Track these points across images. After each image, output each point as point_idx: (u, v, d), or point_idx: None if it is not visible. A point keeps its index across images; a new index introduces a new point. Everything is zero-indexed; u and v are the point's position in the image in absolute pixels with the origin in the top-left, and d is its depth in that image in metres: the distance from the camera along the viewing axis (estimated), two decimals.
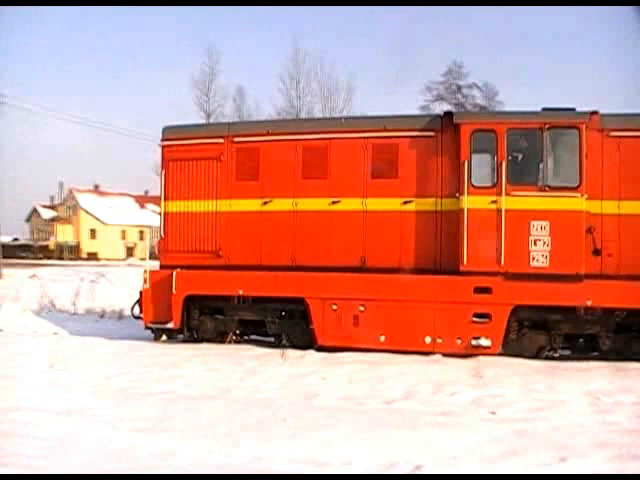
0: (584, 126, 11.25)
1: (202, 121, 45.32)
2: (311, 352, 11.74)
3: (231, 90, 55.50)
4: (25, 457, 6.13)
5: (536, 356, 11.43)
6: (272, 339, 13.03)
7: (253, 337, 13.48)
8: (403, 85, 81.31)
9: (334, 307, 12.18)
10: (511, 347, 11.63)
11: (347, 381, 9.67)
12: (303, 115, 46.97)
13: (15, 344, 12.95)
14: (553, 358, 11.46)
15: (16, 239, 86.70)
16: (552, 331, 11.53)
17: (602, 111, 11.55)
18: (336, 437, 6.85)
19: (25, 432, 7.05)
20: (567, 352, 11.83)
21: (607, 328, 11.25)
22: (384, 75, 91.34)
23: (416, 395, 8.87)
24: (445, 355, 11.42)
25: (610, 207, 11.40)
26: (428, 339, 11.73)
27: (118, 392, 9.07)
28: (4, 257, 40.70)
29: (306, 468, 5.95)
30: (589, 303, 11.13)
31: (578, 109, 11.69)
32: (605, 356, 11.22)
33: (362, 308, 12.06)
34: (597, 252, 11.34)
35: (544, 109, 11.77)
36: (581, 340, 11.81)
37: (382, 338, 11.95)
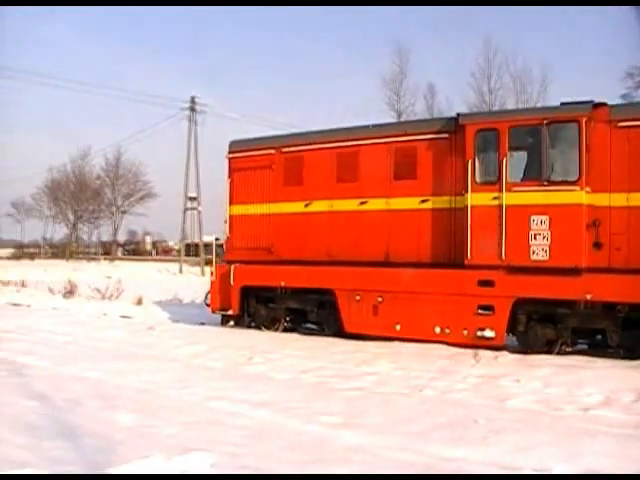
0: (584, 119, 11.46)
1: (392, 120, 45.77)
2: (504, 353, 11.54)
3: (421, 88, 55.65)
4: (226, 444, 6.56)
5: (548, 351, 11.70)
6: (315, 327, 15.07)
7: (305, 326, 15.42)
8: (605, 71, 76.41)
9: (357, 298, 13.75)
10: (521, 341, 12.30)
11: (542, 384, 9.34)
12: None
13: (221, 337, 14.05)
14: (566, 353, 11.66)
15: (217, 239, 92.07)
16: (559, 325, 11.78)
17: None
18: (530, 442, 6.64)
19: (226, 421, 7.61)
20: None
21: (615, 323, 11.25)
22: (582, 61, 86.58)
23: (616, 402, 8.39)
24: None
25: (619, 199, 11.40)
26: (437, 329, 12.71)
27: (312, 387, 9.48)
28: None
29: (499, 472, 5.88)
30: (589, 297, 11.28)
31: None
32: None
33: (380, 299, 13.45)
34: (598, 245, 11.42)
35: (562, 103, 12.11)
36: (599, 336, 11.86)
37: (398, 327, 13.20)
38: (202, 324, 16.84)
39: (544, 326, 11.96)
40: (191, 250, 66.67)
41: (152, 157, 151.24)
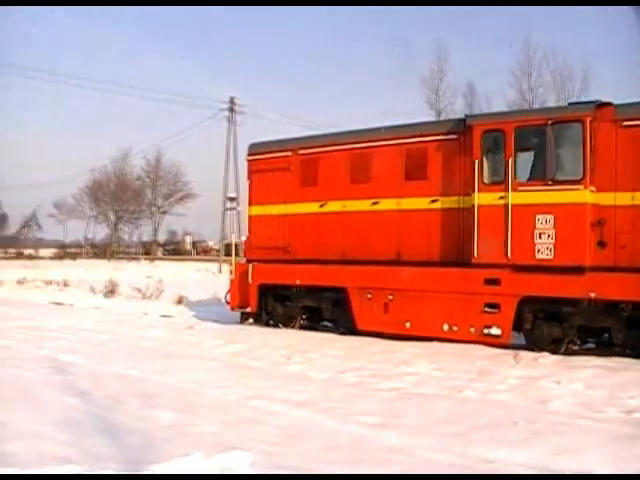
0: (588, 119, 11.57)
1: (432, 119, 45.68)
2: (545, 354, 11.39)
3: (461, 87, 55.42)
4: (265, 443, 6.60)
5: (554, 349, 11.75)
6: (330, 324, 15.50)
7: (322, 324, 15.76)
8: None
9: (369, 296, 14.10)
10: (528, 339, 12.42)
11: (584, 386, 9.19)
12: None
13: (260, 337, 14.26)
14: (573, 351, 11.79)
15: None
16: (564, 323, 11.88)
17: None
18: (570, 444, 6.53)
19: (265, 420, 7.65)
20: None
21: (620, 322, 11.30)
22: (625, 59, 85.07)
23: None
24: None
25: (624, 198, 11.48)
26: (445, 326, 12.97)
27: (351, 387, 9.46)
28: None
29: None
30: (592, 295, 11.37)
31: None
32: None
33: (391, 297, 13.78)
34: (602, 244, 11.54)
35: (569, 104, 12.54)
36: (606, 335, 11.86)
37: (407, 325, 13.50)
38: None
39: (550, 324, 12.09)
40: (230, 250, 66.89)
41: (192, 158, 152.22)
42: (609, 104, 11.91)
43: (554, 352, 11.62)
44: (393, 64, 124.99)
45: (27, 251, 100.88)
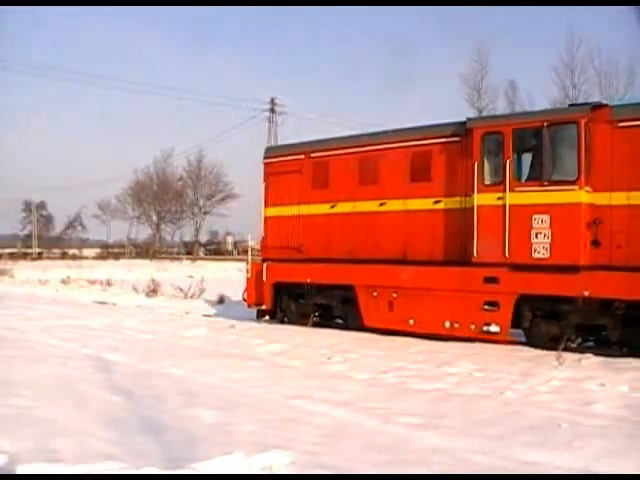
0: (583, 121, 11.82)
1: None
2: (589, 355, 11.22)
3: (502, 85, 54.90)
4: (305, 443, 6.63)
5: (553, 347, 11.73)
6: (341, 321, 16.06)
7: (335, 321, 16.24)
8: None
9: (375, 294, 14.61)
10: (527, 336, 12.72)
11: (629, 389, 9.01)
12: None
13: (301, 337, 14.38)
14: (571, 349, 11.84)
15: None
16: (562, 321, 12.13)
17: None
18: (616, 448, 6.42)
19: (306, 419, 7.68)
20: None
21: (615, 320, 11.49)
22: None
23: None
24: None
25: (619, 198, 11.65)
26: (447, 324, 13.36)
27: (392, 387, 9.44)
28: None
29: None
30: (586, 293, 11.63)
31: None
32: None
33: (395, 295, 14.25)
34: (597, 243, 11.76)
35: (570, 105, 12.56)
36: (604, 333, 11.98)
37: (411, 322, 13.95)
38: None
39: (548, 322, 12.39)
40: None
41: (234, 158, 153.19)
42: (605, 105, 12.37)
43: (553, 349, 11.63)
44: (432, 62, 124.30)
45: (71, 251, 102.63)
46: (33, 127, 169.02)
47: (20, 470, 5.63)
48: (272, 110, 56.69)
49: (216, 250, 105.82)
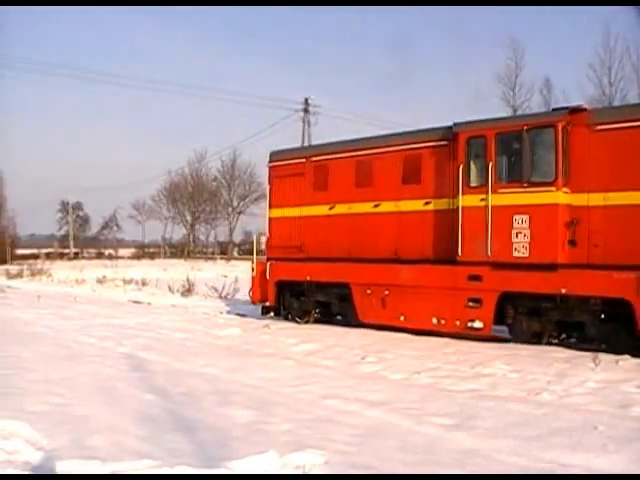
0: (560, 125, 12.31)
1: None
2: (626, 357, 11.02)
3: (537, 83, 54.39)
4: (339, 443, 6.61)
5: (537, 342, 12.58)
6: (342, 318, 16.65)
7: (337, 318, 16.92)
8: None
9: (368, 291, 15.26)
10: (511, 332, 13.28)
11: None
12: (616, 103, 44.45)
13: (335, 336, 14.41)
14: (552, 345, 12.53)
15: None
16: (543, 318, 12.65)
17: None
18: None
19: (339, 419, 7.66)
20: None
21: (593, 317, 11.95)
22: None
23: None
24: None
25: (597, 199, 12.12)
26: (434, 320, 14.00)
27: (425, 387, 9.38)
28: None
29: None
30: (564, 291, 12.11)
31: None
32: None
33: (387, 292, 14.86)
34: (574, 243, 12.25)
35: (553, 109, 13.25)
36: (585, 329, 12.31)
37: (402, 318, 14.62)
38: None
39: (529, 319, 12.89)
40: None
41: (267, 158, 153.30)
42: (584, 109, 12.91)
43: (536, 344, 12.51)
44: (465, 62, 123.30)
45: (107, 251, 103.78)
46: (69, 128, 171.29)
47: (58, 467, 5.71)
48: (305, 110, 56.62)
49: (250, 250, 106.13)
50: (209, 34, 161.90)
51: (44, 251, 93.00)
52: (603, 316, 11.90)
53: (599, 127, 12.25)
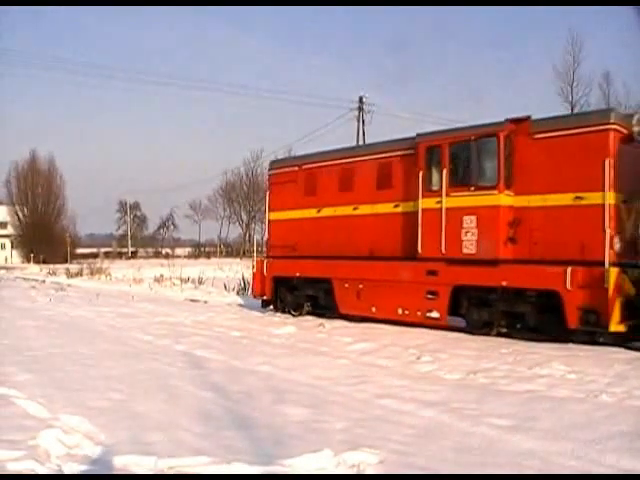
0: (502, 134, 13.74)
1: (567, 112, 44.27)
2: None
3: (596, 77, 53.24)
4: (394, 442, 6.60)
5: (488, 332, 14.01)
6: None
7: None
8: None
9: (346, 285, 17.11)
10: (465, 322, 14.75)
11: None
12: None
13: (390, 336, 14.29)
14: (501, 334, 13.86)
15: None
16: (491, 308, 14.05)
17: None
18: None
19: (395, 419, 7.64)
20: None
21: (532, 307, 13.33)
22: None
23: None
24: None
25: (536, 201, 13.51)
26: (400, 310, 15.61)
27: (482, 387, 9.28)
28: None
29: None
30: (504, 284, 13.57)
31: None
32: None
33: (361, 286, 16.67)
34: (515, 241, 13.65)
35: (506, 120, 13.98)
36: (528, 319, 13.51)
37: (374, 309, 16.37)
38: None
39: (480, 309, 14.34)
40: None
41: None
42: (527, 119, 13.86)
43: (486, 334, 13.92)
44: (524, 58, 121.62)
45: (164, 250, 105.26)
46: (128, 130, 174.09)
47: (116, 462, 5.84)
48: (360, 109, 56.49)
49: None
50: (269, 35, 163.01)
51: (103, 250, 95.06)
52: (540, 307, 13.21)
53: (538, 136, 13.58)
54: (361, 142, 55.29)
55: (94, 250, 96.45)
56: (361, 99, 57.00)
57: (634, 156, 12.79)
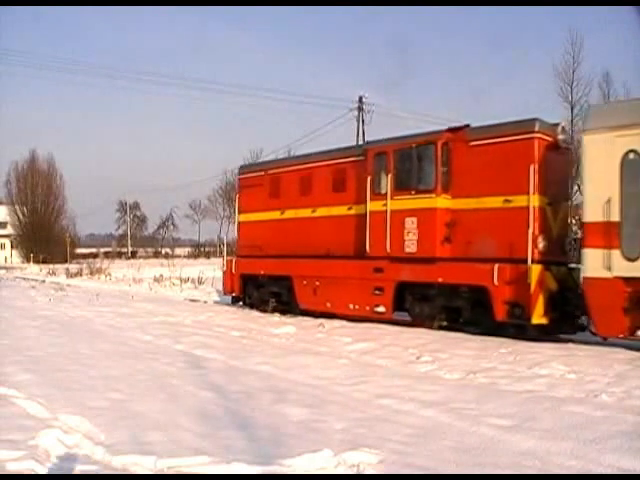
0: (439, 142, 14.90)
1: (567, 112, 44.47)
2: None
3: (596, 77, 53.15)
4: (394, 442, 6.60)
5: (430, 325, 15.03)
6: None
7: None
8: None
9: (304, 282, 18.41)
10: (410, 316, 15.89)
11: None
12: None
13: (390, 336, 14.20)
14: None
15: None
16: (432, 303, 15.19)
17: None
18: None
19: (395, 419, 7.64)
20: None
21: (466, 302, 14.48)
22: None
23: None
24: None
25: (471, 203, 14.58)
26: (351, 305, 16.87)
27: (481, 387, 9.30)
28: None
29: None
30: (440, 280, 14.76)
31: None
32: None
33: (318, 283, 17.93)
34: (450, 240, 14.80)
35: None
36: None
37: (328, 304, 17.63)
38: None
39: (422, 304, 15.48)
40: None
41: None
42: (465, 127, 15.02)
43: (430, 328, 14.90)
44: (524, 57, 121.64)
45: (164, 250, 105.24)
46: (127, 130, 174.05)
47: (115, 462, 5.83)
48: (360, 109, 56.40)
49: None
50: (269, 35, 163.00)
51: (102, 250, 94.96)
52: (474, 302, 14.30)
53: (472, 143, 14.67)
54: (361, 142, 55.34)
55: (94, 250, 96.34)
56: (361, 99, 56.93)
57: (559, 162, 13.95)
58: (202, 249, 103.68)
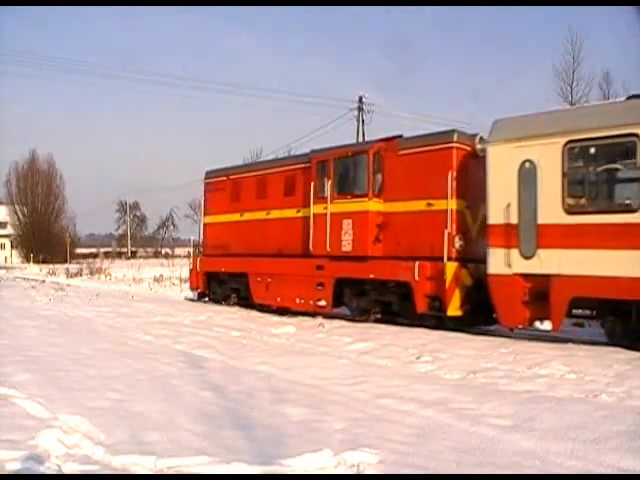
0: (372, 151, 16.49)
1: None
2: None
3: (597, 76, 53.02)
4: (394, 442, 6.59)
5: (367, 318, 16.77)
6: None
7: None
8: None
9: (258, 279, 20.08)
10: (349, 310, 17.55)
11: None
12: None
13: (390, 335, 14.13)
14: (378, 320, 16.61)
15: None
16: (367, 297, 16.74)
17: None
18: None
19: (394, 419, 7.64)
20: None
21: (397, 296, 15.93)
22: None
23: None
24: None
25: (399, 207, 16.05)
26: (297, 300, 18.38)
27: (481, 387, 9.29)
28: None
29: None
30: (372, 276, 16.28)
31: None
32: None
33: (270, 279, 19.60)
34: (381, 240, 16.27)
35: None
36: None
37: (279, 299, 19.21)
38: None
39: (359, 298, 17.02)
40: None
41: None
42: (397, 137, 16.61)
43: (365, 321, 16.60)
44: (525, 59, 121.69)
45: (164, 250, 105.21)
46: (128, 130, 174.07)
47: (115, 462, 5.83)
48: (360, 109, 56.34)
49: None
50: (269, 35, 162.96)
51: (102, 250, 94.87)
52: (401, 296, 15.67)
53: (401, 152, 16.12)
54: (361, 142, 55.21)
55: (94, 250, 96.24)
56: (361, 99, 56.85)
57: (478, 169, 14.37)
58: (202, 249, 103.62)
